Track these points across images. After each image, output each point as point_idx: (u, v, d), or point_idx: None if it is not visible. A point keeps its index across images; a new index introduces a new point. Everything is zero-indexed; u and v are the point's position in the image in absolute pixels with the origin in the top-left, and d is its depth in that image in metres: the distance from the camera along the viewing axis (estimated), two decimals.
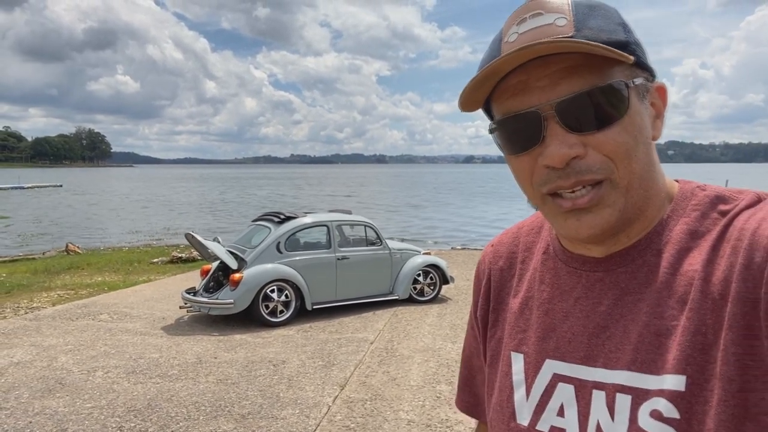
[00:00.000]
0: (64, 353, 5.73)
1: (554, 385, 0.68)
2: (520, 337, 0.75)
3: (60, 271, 11.75)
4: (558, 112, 0.60)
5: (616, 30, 0.61)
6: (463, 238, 19.45)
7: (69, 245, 15.67)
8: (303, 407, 4.34)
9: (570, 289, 0.70)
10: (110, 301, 8.30)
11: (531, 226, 0.83)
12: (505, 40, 0.64)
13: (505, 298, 0.81)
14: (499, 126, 0.66)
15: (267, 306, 6.90)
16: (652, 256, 0.65)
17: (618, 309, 0.65)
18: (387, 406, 4.38)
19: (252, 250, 7.12)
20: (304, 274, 7.20)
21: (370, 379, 4.96)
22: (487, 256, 0.87)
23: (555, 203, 0.64)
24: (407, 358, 5.56)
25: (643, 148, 0.62)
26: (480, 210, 32.39)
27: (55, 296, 8.96)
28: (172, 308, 7.68)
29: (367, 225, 8.05)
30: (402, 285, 8.03)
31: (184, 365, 5.34)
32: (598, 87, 0.59)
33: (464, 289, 8.91)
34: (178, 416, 4.17)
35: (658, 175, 0.66)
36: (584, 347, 0.66)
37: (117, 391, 4.66)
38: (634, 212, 0.64)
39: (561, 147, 0.61)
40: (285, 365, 5.35)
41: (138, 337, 6.36)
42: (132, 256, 14.04)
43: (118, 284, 10.04)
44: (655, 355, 0.60)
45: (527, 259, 0.80)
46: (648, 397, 0.59)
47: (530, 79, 0.61)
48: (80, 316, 7.36)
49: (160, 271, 11.77)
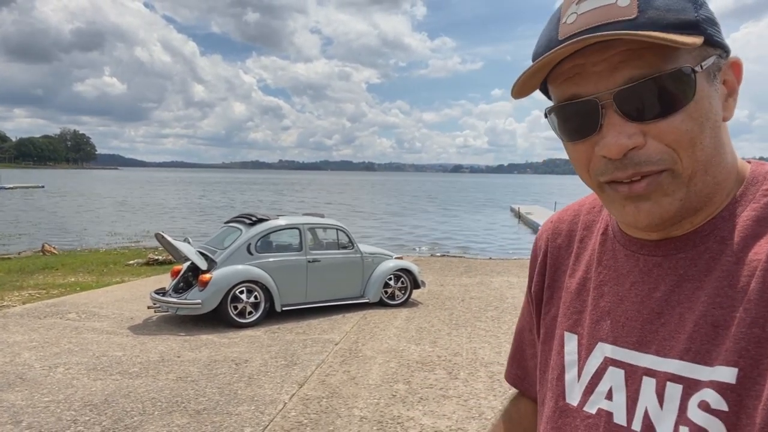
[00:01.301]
0: (27, 350, 5.73)
1: (605, 369, 0.68)
2: (575, 318, 0.74)
3: (34, 271, 11.67)
4: (617, 100, 0.58)
5: (685, 8, 0.57)
6: (446, 246, 19.60)
7: (45, 246, 15.55)
8: (259, 404, 4.40)
9: (627, 272, 0.69)
10: (80, 301, 8.29)
11: (592, 204, 0.81)
12: (563, 21, 0.60)
13: (561, 276, 0.80)
14: (555, 111, 0.64)
15: (236, 307, 6.94)
16: (716, 242, 0.62)
17: (675, 296, 0.63)
18: (342, 403, 4.46)
19: (222, 251, 7.17)
20: (274, 275, 7.27)
21: (329, 378, 5.04)
22: (545, 233, 0.86)
23: (612, 189, 0.62)
24: (369, 359, 5.64)
25: (711, 133, 0.59)
26: (463, 219, 32.60)
27: (26, 295, 8.91)
28: (142, 308, 7.69)
29: (339, 228, 8.14)
30: (373, 288, 8.12)
31: (146, 363, 5.38)
32: (660, 74, 0.56)
33: (436, 294, 9.03)
34: (133, 411, 4.21)
35: (728, 159, 0.63)
36: (637, 333, 0.65)
37: (76, 387, 4.69)
38: (698, 201, 0.61)
39: (619, 138, 0.58)
40: (247, 364, 5.40)
41: (104, 335, 6.37)
42: (108, 258, 13.97)
43: (91, 285, 10.01)
44: (710, 345, 0.58)
45: (586, 238, 0.78)
46: (699, 388, 0.58)
47: (587, 63, 0.59)
48: (48, 314, 7.35)
49: (134, 273, 11.73)
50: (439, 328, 6.85)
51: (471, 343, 6.25)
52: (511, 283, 10.11)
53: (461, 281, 10.39)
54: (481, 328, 6.92)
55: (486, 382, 4.99)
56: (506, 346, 6.12)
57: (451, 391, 4.78)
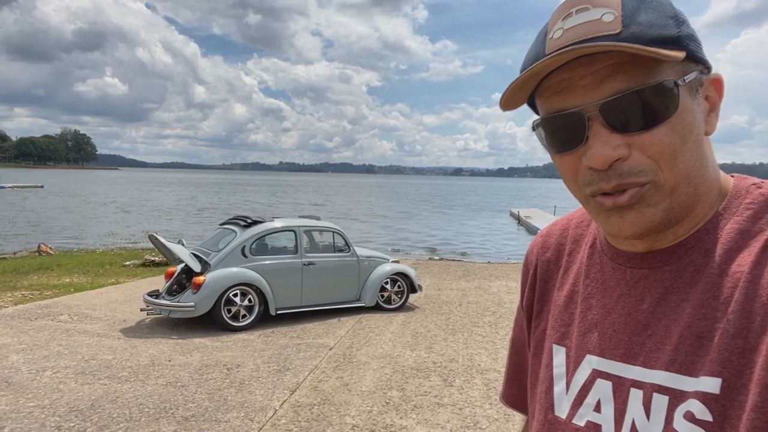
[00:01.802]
0: (15, 352, 5.63)
1: (593, 381, 0.68)
2: (563, 330, 0.75)
3: (29, 271, 11.57)
4: (602, 112, 0.59)
5: (667, 24, 0.59)
6: (445, 249, 19.50)
7: (41, 246, 15.46)
8: (249, 411, 4.30)
9: (614, 285, 0.70)
10: (73, 303, 8.19)
11: (581, 218, 0.82)
12: (550, 36, 0.62)
13: (551, 290, 0.81)
14: (542, 124, 0.66)
15: (229, 310, 6.85)
16: (700, 255, 0.63)
17: (660, 308, 0.64)
18: (334, 411, 4.36)
19: (217, 254, 7.08)
20: (268, 278, 7.17)
21: (322, 384, 4.94)
22: (535, 247, 0.87)
23: (597, 202, 0.63)
24: (363, 365, 5.54)
25: (693, 146, 0.61)
26: (463, 222, 32.51)
27: (18, 296, 8.81)
28: (135, 311, 7.60)
29: (335, 231, 8.05)
30: (369, 292, 8.02)
31: (136, 367, 5.28)
32: (644, 87, 0.58)
33: (433, 299, 8.93)
34: (120, 417, 4.11)
35: (710, 172, 0.64)
36: (624, 345, 0.66)
37: (62, 391, 4.59)
38: (681, 211, 0.63)
39: (604, 149, 0.59)
40: (239, 369, 5.30)
41: (94, 338, 6.27)
42: (104, 259, 13.88)
43: (85, 286, 9.91)
44: (695, 356, 0.59)
45: (574, 251, 0.79)
46: (684, 399, 0.58)
47: (573, 77, 0.60)
48: (40, 316, 7.25)
49: (130, 274, 11.63)
50: (436, 334, 6.76)
51: (467, 349, 6.16)
52: (510, 288, 10.01)
53: (459, 285, 10.30)
54: (478, 333, 6.82)
55: (482, 389, 4.89)
56: (503, 352, 6.02)
57: (446, 398, 4.68)
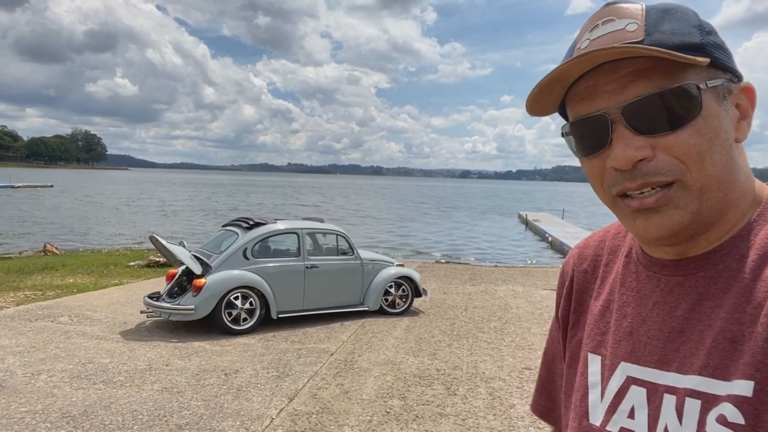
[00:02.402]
0: (12, 354, 5.55)
1: (627, 388, 0.69)
2: (599, 339, 0.75)
3: (33, 271, 11.54)
4: (625, 114, 0.61)
5: (690, 32, 0.61)
6: (452, 252, 19.34)
7: (47, 245, 15.45)
8: (245, 419, 4.18)
9: (649, 293, 0.70)
10: (75, 304, 8.12)
11: (618, 229, 0.83)
12: (578, 46, 0.65)
13: (587, 300, 0.81)
14: (570, 129, 0.68)
15: (230, 313, 6.74)
16: (734, 261, 0.64)
17: (695, 314, 0.64)
18: (333, 420, 4.23)
19: (218, 256, 6.97)
20: (270, 281, 7.05)
21: (321, 392, 4.81)
22: (572, 258, 0.88)
23: (624, 203, 0.64)
24: (365, 371, 5.41)
25: (721, 150, 0.61)
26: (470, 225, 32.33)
27: (21, 296, 8.76)
28: (137, 312, 7.50)
29: (339, 234, 7.92)
30: (373, 296, 7.89)
31: (133, 371, 5.17)
32: (666, 89, 0.59)
33: (438, 303, 8.79)
34: (112, 424, 4.00)
35: (741, 178, 0.65)
36: (659, 351, 0.66)
37: (56, 396, 4.50)
38: (711, 216, 0.63)
39: (626, 149, 0.61)
40: (237, 375, 5.19)
41: (93, 341, 6.18)
42: (109, 259, 13.84)
43: (88, 286, 9.85)
44: (728, 360, 0.59)
45: (611, 262, 0.80)
46: (717, 403, 0.58)
47: (599, 83, 0.63)
48: (40, 317, 7.17)
49: (134, 275, 11.57)
50: (440, 339, 6.61)
51: (472, 356, 6.01)
52: (516, 293, 9.85)
53: (465, 289, 10.14)
54: (483, 339, 6.67)
55: (486, 399, 4.74)
56: (508, 359, 5.87)
57: (449, 408, 4.54)
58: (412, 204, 55.75)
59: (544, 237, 22.01)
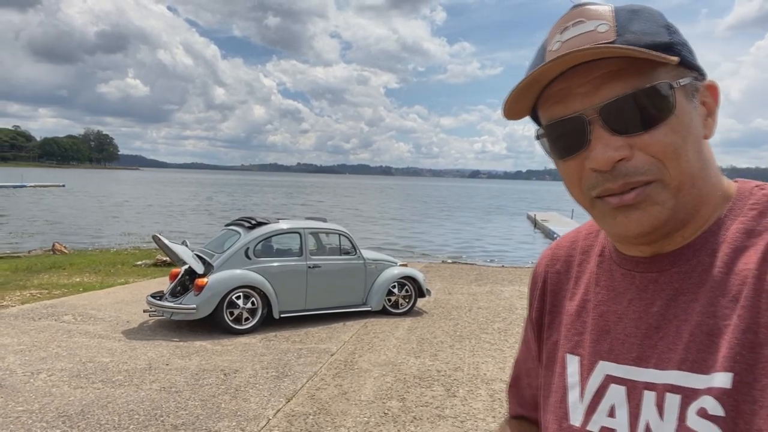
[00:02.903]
0: (13, 353, 5.57)
1: (606, 386, 0.68)
2: (576, 339, 0.75)
3: (41, 270, 11.61)
4: (602, 115, 0.61)
5: (659, 32, 0.62)
6: (459, 252, 19.26)
7: (56, 245, 15.56)
8: (241, 420, 4.15)
9: (624, 290, 0.70)
10: (79, 302, 8.15)
11: (589, 230, 0.83)
12: (549, 48, 0.65)
13: (562, 301, 0.81)
14: (545, 132, 0.67)
15: (232, 313, 6.72)
16: (707, 255, 0.64)
17: (671, 309, 0.64)
18: (330, 421, 4.19)
19: (220, 255, 6.96)
20: (272, 281, 7.03)
21: (319, 393, 4.77)
22: (544, 260, 0.88)
23: (603, 202, 0.64)
24: (365, 372, 5.36)
25: (693, 147, 0.62)
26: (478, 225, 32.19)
27: (27, 295, 8.81)
28: (140, 312, 7.50)
29: (341, 234, 7.89)
30: (375, 296, 7.85)
31: (132, 371, 5.16)
32: (641, 89, 0.60)
33: (442, 303, 8.73)
34: (108, 424, 3.98)
35: (713, 174, 0.66)
36: (637, 348, 0.66)
37: (54, 395, 4.49)
38: (687, 212, 0.63)
39: (606, 150, 0.61)
40: (236, 375, 5.16)
41: (95, 339, 6.19)
42: (117, 258, 13.90)
43: (94, 285, 9.89)
44: (706, 354, 0.59)
45: (584, 262, 0.80)
46: (697, 396, 0.58)
47: (572, 85, 0.62)
48: (44, 316, 7.20)
49: (141, 274, 11.61)
50: (442, 340, 6.55)
51: (474, 357, 5.94)
52: (522, 293, 9.76)
53: (470, 290, 10.07)
54: (486, 340, 6.61)
55: (486, 401, 4.68)
56: (511, 361, 5.80)
57: (448, 410, 4.48)
58: (420, 204, 55.63)
59: (552, 238, 21.87)
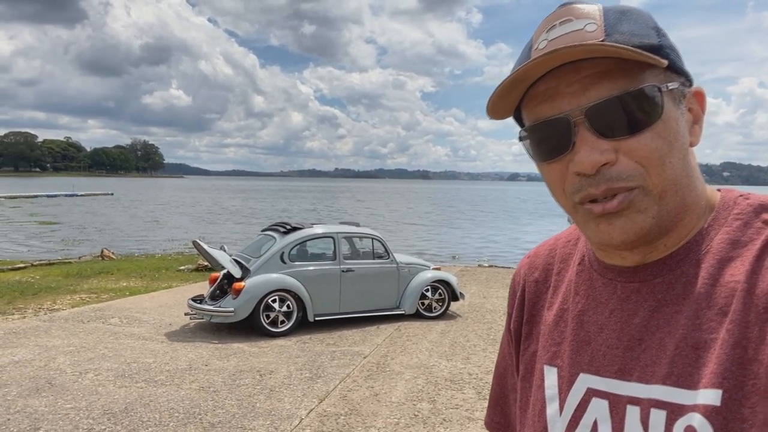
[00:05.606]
0: (63, 354, 5.87)
1: (588, 400, 0.66)
2: (554, 350, 0.73)
3: (90, 275, 12.14)
4: (588, 117, 0.59)
5: (648, 34, 0.60)
6: (496, 256, 19.11)
7: (104, 250, 16.21)
8: (275, 419, 4.28)
9: (605, 300, 0.68)
10: (125, 306, 8.51)
11: (568, 237, 0.81)
12: (535, 47, 0.63)
13: (540, 311, 0.79)
14: (528, 133, 0.65)
15: (268, 316, 6.91)
16: (691, 266, 0.62)
17: (654, 321, 0.62)
18: (360, 421, 4.28)
19: (257, 260, 7.16)
20: (307, 285, 7.19)
21: (351, 394, 4.87)
22: (522, 268, 0.85)
23: (586, 209, 0.62)
24: (396, 374, 5.43)
25: (679, 154, 0.60)
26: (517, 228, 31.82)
27: (77, 299, 9.25)
28: (182, 315, 7.79)
29: (374, 238, 7.99)
30: (409, 300, 7.91)
31: (173, 371, 5.38)
32: (629, 91, 0.58)
33: (477, 307, 8.72)
34: (150, 421, 4.18)
35: (696, 183, 0.64)
36: (619, 360, 0.64)
37: (100, 394, 4.74)
38: (670, 220, 0.62)
39: (591, 153, 0.59)
40: (271, 375, 5.31)
41: (139, 341, 6.46)
42: (162, 263, 14.39)
43: (140, 290, 10.29)
44: (692, 368, 0.57)
45: (563, 270, 0.78)
46: (683, 413, 0.56)
47: (560, 84, 0.60)
48: (92, 319, 7.56)
49: (184, 279, 12.01)
50: (475, 344, 6.56)
51: None
52: None
53: (506, 294, 9.98)
54: None
55: None
56: None
57: (478, 413, 4.51)
58: (457, 209, 55.31)
59: None
